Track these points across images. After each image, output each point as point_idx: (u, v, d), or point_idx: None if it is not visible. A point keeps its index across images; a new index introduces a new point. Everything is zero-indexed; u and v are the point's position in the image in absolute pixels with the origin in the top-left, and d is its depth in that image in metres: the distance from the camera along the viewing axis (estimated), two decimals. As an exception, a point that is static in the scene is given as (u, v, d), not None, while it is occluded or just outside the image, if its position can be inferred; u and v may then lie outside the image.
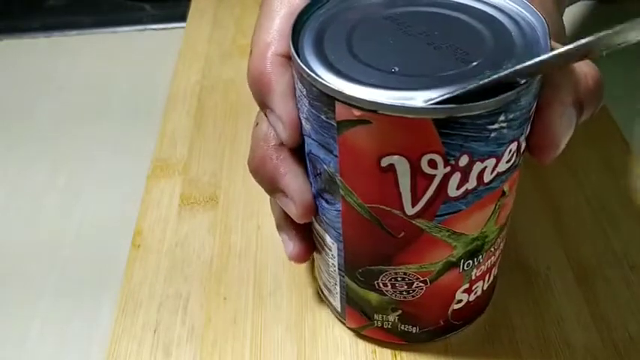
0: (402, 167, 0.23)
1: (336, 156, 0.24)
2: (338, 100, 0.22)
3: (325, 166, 0.25)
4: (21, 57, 0.58)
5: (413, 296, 0.28)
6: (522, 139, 0.24)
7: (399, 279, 0.27)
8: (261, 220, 0.39)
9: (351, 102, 0.22)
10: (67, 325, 0.35)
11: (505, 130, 0.22)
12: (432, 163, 0.22)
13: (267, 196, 0.30)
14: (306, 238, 0.30)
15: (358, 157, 0.23)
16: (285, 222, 0.30)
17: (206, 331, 0.33)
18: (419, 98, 0.21)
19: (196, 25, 0.58)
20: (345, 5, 0.26)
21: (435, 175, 0.23)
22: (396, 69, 0.23)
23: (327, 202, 0.26)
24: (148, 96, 0.51)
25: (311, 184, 0.27)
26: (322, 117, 0.23)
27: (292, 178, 0.27)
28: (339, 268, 0.29)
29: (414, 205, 0.24)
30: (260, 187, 0.29)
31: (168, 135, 0.46)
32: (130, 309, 0.35)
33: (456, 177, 0.23)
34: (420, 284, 0.27)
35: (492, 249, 0.28)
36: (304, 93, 0.24)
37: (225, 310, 0.34)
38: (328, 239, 0.28)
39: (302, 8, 0.25)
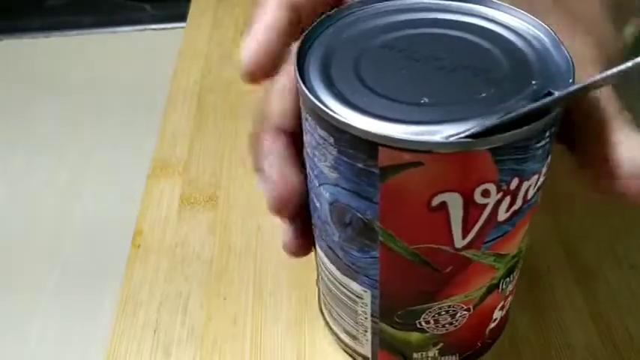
0: (454, 203, 0.21)
1: (376, 203, 0.22)
2: (382, 146, 0.20)
3: (360, 215, 0.23)
4: (21, 57, 0.58)
5: (455, 326, 0.26)
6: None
7: (443, 313, 0.26)
8: (261, 220, 0.39)
9: (398, 146, 0.19)
10: (67, 324, 0.35)
11: (548, 145, 0.22)
12: (486, 193, 0.21)
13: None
14: (305, 233, 0.28)
15: (405, 200, 0.21)
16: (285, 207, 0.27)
17: (206, 330, 0.33)
18: (465, 128, 0.19)
19: (196, 25, 0.58)
20: (341, 32, 0.24)
21: (487, 204, 0.21)
22: (425, 100, 0.21)
23: (358, 250, 0.24)
24: (148, 96, 0.51)
25: (333, 233, 0.24)
26: (359, 165, 0.21)
27: (284, 165, 0.25)
28: (372, 315, 0.27)
29: (464, 237, 0.22)
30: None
31: (168, 135, 0.46)
32: (130, 309, 0.35)
33: (506, 201, 0.22)
34: (464, 312, 0.26)
35: (521, 261, 0.27)
36: (330, 141, 0.21)
37: (225, 309, 0.34)
38: (357, 287, 0.26)
39: (303, 36, 0.24)
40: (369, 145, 0.20)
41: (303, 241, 0.28)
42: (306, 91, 0.21)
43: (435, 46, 0.23)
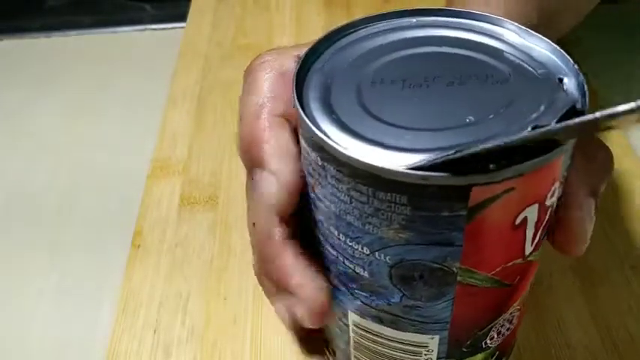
0: (533, 214, 0.20)
1: (459, 246, 0.20)
2: (476, 185, 0.18)
3: (436, 264, 0.21)
4: (21, 57, 0.58)
5: (510, 330, 0.26)
6: None
7: (506, 323, 0.25)
8: (261, 220, 0.39)
9: (492, 180, 0.18)
10: (67, 324, 0.35)
11: None
12: (553, 193, 0.21)
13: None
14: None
15: (491, 231, 0.20)
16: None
17: (206, 331, 0.33)
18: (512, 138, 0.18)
19: (196, 25, 0.58)
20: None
21: (552, 204, 0.21)
22: (471, 118, 0.20)
23: (428, 300, 0.22)
24: (148, 96, 0.51)
25: (392, 296, 0.23)
26: (443, 214, 0.19)
27: (301, 279, 0.23)
28: (438, 357, 0.25)
29: (532, 243, 0.22)
30: None
31: (168, 135, 0.46)
32: (130, 309, 0.35)
33: (560, 193, 0.22)
34: (518, 313, 0.25)
35: None
36: (402, 201, 0.19)
37: (226, 310, 0.34)
38: (422, 338, 0.24)
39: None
40: (459, 190, 0.18)
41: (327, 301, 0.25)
42: (381, 166, 0.18)
43: (432, 64, 0.23)
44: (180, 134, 0.46)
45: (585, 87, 0.21)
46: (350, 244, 0.22)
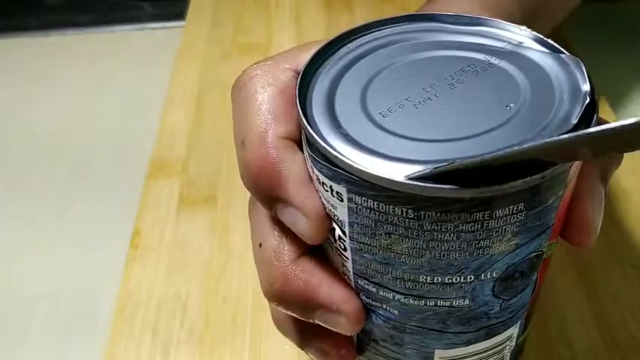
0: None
1: (551, 225, 0.20)
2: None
3: (534, 254, 0.21)
4: (19, 56, 0.57)
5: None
6: None
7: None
8: (260, 220, 0.39)
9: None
10: (66, 325, 0.35)
11: None
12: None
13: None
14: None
15: (565, 200, 0.21)
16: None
17: (205, 331, 0.33)
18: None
19: (195, 23, 0.57)
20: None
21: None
22: (511, 105, 0.20)
23: (522, 291, 0.22)
24: (147, 95, 0.51)
25: (492, 308, 0.22)
26: (550, 201, 0.19)
27: (332, 288, 0.22)
28: (516, 341, 0.25)
29: None
30: None
31: (166, 135, 0.46)
32: (129, 309, 0.34)
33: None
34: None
35: None
36: (520, 207, 0.18)
37: (225, 310, 0.34)
38: (511, 330, 0.23)
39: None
40: (564, 174, 0.18)
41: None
42: (499, 185, 0.17)
43: (430, 70, 0.22)
44: (179, 134, 0.46)
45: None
46: (447, 282, 0.20)
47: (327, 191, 0.20)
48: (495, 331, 0.23)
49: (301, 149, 0.21)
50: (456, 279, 0.20)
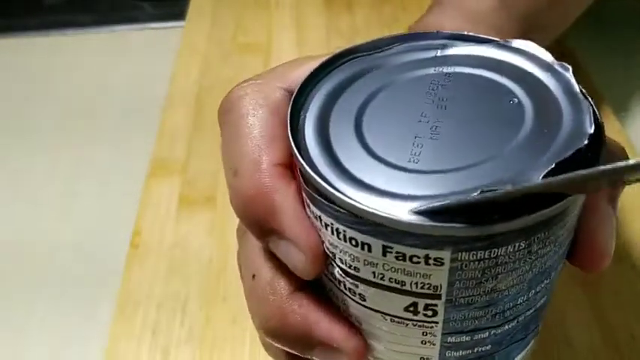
0: None
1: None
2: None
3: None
4: (19, 56, 0.57)
5: None
6: None
7: None
8: (260, 220, 0.39)
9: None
10: (65, 325, 0.35)
11: None
12: None
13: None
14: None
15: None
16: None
17: (205, 331, 0.33)
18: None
19: (195, 23, 0.57)
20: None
21: None
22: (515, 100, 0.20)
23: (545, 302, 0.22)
24: (147, 95, 0.51)
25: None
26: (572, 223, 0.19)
27: (331, 325, 0.21)
28: (537, 332, 0.24)
29: None
30: None
31: (166, 135, 0.46)
32: (129, 309, 0.34)
33: None
34: None
35: None
36: (559, 236, 0.19)
37: (224, 310, 0.34)
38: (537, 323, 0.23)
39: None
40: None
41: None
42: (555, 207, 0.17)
43: (422, 91, 0.21)
44: (179, 134, 0.46)
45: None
46: (539, 289, 0.20)
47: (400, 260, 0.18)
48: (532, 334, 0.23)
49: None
50: (545, 282, 0.20)
